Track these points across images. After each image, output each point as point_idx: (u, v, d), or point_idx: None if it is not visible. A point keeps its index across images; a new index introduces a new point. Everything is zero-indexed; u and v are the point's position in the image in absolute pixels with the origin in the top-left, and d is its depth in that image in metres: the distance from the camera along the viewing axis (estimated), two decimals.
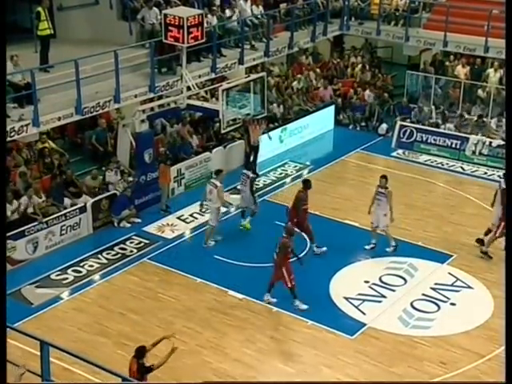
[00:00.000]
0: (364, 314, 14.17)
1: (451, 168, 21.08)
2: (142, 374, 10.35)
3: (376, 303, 14.55)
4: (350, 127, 23.57)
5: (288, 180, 20.19)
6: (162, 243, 16.70)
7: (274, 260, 14.18)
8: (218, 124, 19.62)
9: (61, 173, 17.43)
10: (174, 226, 17.48)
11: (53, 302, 14.44)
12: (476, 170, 20.84)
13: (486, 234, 16.26)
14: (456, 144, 21.45)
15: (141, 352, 10.49)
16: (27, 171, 16.64)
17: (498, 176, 17.94)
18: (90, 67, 16.85)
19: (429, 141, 21.83)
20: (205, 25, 18.58)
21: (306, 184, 16.09)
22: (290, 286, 14.02)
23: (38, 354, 9.25)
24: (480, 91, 22.65)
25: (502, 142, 20.63)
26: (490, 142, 20.89)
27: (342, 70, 25.35)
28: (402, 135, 22.08)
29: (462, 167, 21.08)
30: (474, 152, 21.10)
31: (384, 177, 16.11)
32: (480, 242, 16.37)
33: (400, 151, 21.98)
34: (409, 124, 22.26)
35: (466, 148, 21.21)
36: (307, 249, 16.37)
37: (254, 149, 18.66)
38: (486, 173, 20.65)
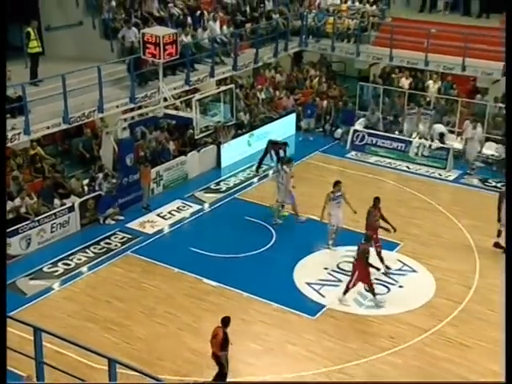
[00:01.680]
0: (324, 296, 14.26)
1: (398, 167, 21.20)
2: (224, 343, 10.80)
3: (334, 287, 14.61)
4: (309, 135, 23.39)
5: (255, 180, 20.17)
6: (144, 238, 16.61)
7: (353, 265, 13.98)
8: (191, 131, 19.59)
9: (56, 172, 17.40)
10: (154, 223, 17.36)
11: (45, 292, 14.32)
12: (419, 169, 21.00)
13: (498, 235, 15.91)
14: (401, 146, 21.54)
15: (226, 321, 10.90)
16: (20, 175, 16.44)
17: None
18: (76, 81, 16.78)
19: (378, 144, 21.91)
20: (179, 42, 18.60)
21: (375, 201, 15.26)
22: (370, 287, 13.86)
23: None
24: (421, 100, 22.81)
25: (441, 145, 20.85)
26: (430, 145, 21.05)
27: (301, 82, 25.41)
28: (355, 139, 22.17)
29: (407, 166, 21.20)
30: (416, 153, 21.23)
31: (339, 182, 15.95)
32: (497, 244, 15.94)
33: (353, 153, 22.07)
34: (361, 129, 22.35)
35: (409, 150, 21.34)
36: (272, 242, 16.37)
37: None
38: (428, 171, 20.80)
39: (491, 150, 21.01)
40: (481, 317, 13.66)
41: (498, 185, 19.57)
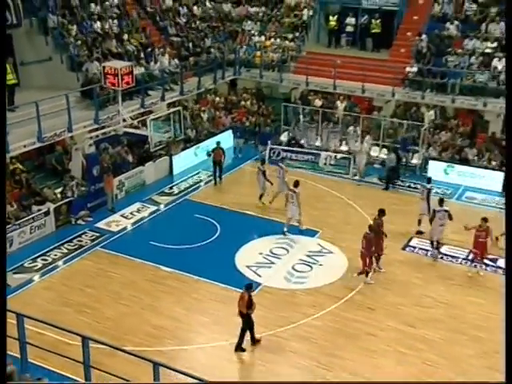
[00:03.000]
0: (260, 276, 14.29)
1: (314, 170, 21.00)
2: (249, 303, 11.37)
3: (268, 268, 14.68)
4: (239, 153, 22.55)
5: (202, 184, 19.95)
6: (110, 235, 16.25)
7: (361, 252, 13.94)
8: (147, 145, 19.37)
9: (28, 186, 16.75)
10: (118, 222, 17.00)
11: (26, 283, 13.87)
12: (331, 173, 20.88)
13: (419, 224, 16.20)
14: (312, 158, 21.26)
15: (249, 287, 11.58)
16: None
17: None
18: (48, 107, 16.30)
19: (293, 157, 21.46)
20: (134, 72, 18.38)
21: (380, 213, 14.78)
22: (367, 269, 13.91)
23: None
24: (332, 116, 23.13)
25: (345, 155, 20.87)
26: (335, 156, 20.98)
27: (236, 104, 25.42)
28: (272, 154, 21.56)
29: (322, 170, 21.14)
30: (325, 163, 21.05)
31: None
32: (419, 232, 16.20)
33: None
34: (276, 146, 21.81)
35: (319, 161, 21.12)
36: (217, 234, 16.25)
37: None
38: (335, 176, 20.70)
39: (385, 154, 21.23)
40: (382, 285, 13.95)
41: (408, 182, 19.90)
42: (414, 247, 15.79)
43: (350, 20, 25.29)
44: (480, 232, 14.02)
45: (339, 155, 21.00)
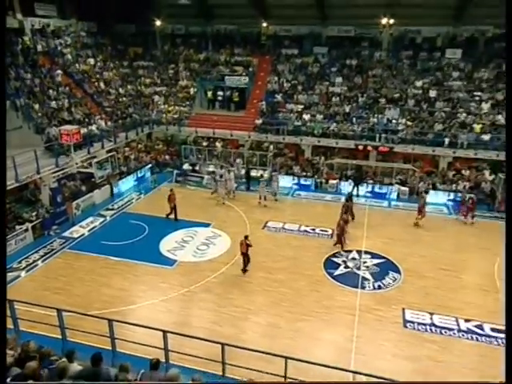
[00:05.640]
0: (176, 256, 14.25)
1: (204, 187, 20.89)
2: (247, 246, 11.92)
3: (181, 250, 14.64)
4: (156, 184, 21.21)
5: (134, 201, 19.24)
6: (73, 240, 15.33)
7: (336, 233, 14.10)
8: (94, 179, 18.50)
9: (11, 213, 15.31)
10: (78, 231, 16.03)
11: (15, 278, 12.80)
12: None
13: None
14: (200, 179, 21.06)
15: (246, 236, 11.99)
16: None
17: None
18: (21, 158, 15.16)
19: (188, 178, 21.30)
20: (81, 132, 17.53)
21: (349, 198, 14.44)
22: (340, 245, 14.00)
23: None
24: (214, 152, 23.51)
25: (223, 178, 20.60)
26: (214, 178, 20.54)
27: (152, 147, 24.93)
28: (177, 177, 21.40)
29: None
30: (206, 183, 20.61)
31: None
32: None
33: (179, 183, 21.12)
34: (179, 171, 21.55)
35: (203, 181, 20.90)
36: (146, 232, 15.87)
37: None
38: None
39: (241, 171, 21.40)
40: (253, 251, 14.06)
41: (257, 188, 20.10)
42: (269, 226, 16.55)
43: (220, 93, 26.14)
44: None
45: (217, 177, 20.71)
